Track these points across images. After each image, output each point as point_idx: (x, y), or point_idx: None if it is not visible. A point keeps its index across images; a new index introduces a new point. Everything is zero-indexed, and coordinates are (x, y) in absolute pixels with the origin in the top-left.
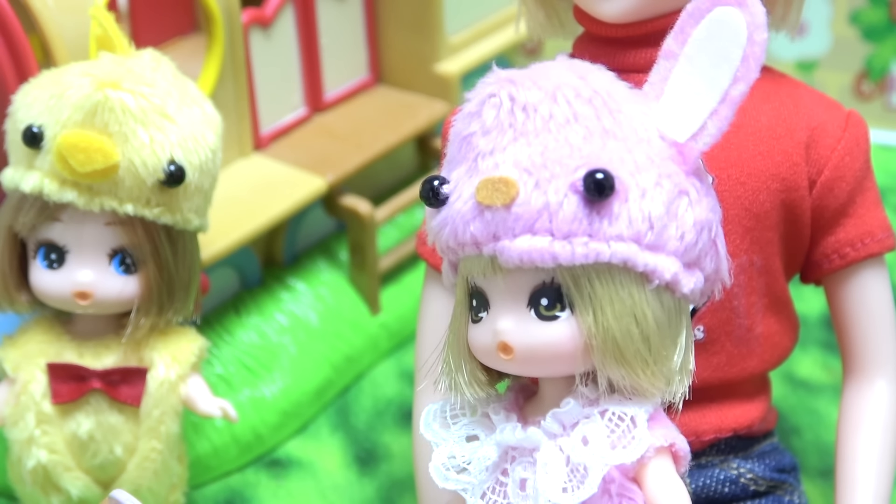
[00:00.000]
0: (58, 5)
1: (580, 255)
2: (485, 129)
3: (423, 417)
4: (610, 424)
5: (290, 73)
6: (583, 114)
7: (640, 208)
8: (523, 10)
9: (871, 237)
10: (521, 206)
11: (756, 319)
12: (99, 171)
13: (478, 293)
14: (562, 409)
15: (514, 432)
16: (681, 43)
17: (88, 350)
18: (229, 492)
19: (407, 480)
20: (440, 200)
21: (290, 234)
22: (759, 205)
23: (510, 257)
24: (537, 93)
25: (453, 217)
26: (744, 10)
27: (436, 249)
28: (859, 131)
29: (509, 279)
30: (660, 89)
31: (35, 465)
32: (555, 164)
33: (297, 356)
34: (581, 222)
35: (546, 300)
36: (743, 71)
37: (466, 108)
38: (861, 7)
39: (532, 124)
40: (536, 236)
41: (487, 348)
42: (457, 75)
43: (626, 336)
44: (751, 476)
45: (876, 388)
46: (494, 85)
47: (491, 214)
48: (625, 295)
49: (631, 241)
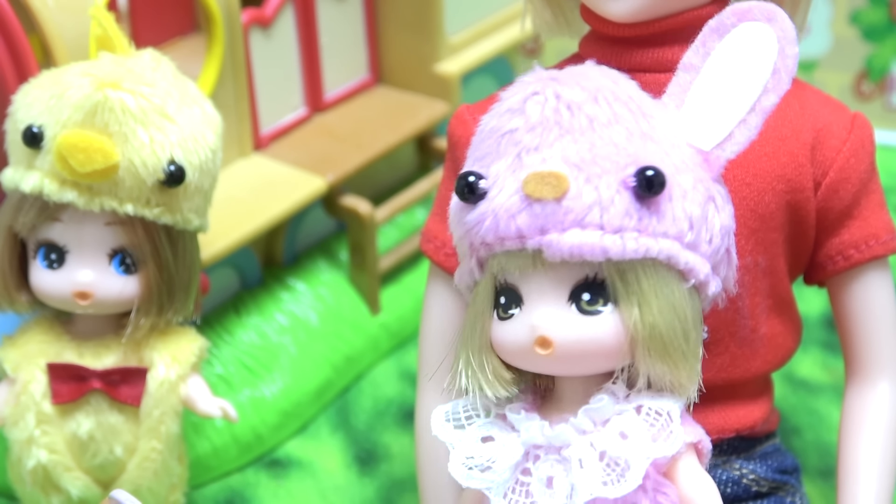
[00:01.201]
0: (58, 5)
1: (630, 250)
2: (529, 125)
3: (436, 419)
4: (648, 419)
5: (290, 73)
6: (622, 115)
7: (683, 208)
8: (529, 8)
9: (876, 239)
10: (572, 200)
11: (760, 320)
12: (99, 171)
13: (508, 290)
14: (594, 405)
15: (542, 430)
16: (702, 56)
17: (88, 350)
18: (229, 492)
19: (407, 480)
20: (477, 195)
21: (290, 234)
22: (764, 206)
23: (558, 250)
24: (581, 92)
25: (495, 210)
26: (774, 25)
27: (456, 247)
28: (864, 133)
29: (550, 274)
30: (680, 100)
31: (35, 465)
32: (604, 160)
33: (297, 356)
34: (631, 218)
35: (588, 295)
36: (774, 83)
37: (505, 105)
38: (861, 7)
39: (577, 122)
40: (586, 230)
41: (521, 345)
42: (457, 75)
43: (671, 331)
44: (753, 477)
45: (878, 389)
46: (537, 83)
47: (540, 207)
48: (668, 291)
49: (674, 238)
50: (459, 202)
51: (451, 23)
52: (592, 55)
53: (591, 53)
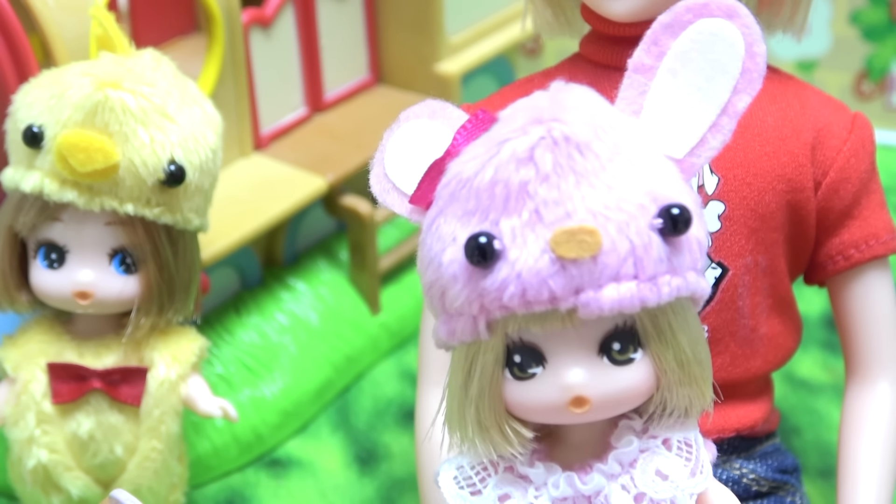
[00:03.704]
0: (58, 5)
1: (666, 295)
2: (542, 175)
3: (447, 484)
4: (681, 453)
5: (291, 73)
6: (618, 143)
7: (696, 235)
8: (530, 7)
9: (876, 239)
10: (608, 255)
11: (760, 320)
12: (99, 170)
13: (525, 349)
14: (623, 448)
15: (574, 482)
16: (656, 56)
17: (89, 350)
18: (229, 492)
19: (407, 480)
20: (491, 258)
21: (291, 233)
22: (764, 205)
23: (597, 309)
24: (584, 128)
25: (520, 274)
26: (735, 21)
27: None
28: (865, 133)
29: (580, 330)
30: (637, 104)
31: (35, 465)
32: (626, 203)
33: (298, 356)
34: (663, 262)
35: (619, 344)
36: (744, 83)
37: (506, 153)
38: (861, 7)
39: (589, 164)
40: (622, 283)
41: (551, 406)
42: (457, 75)
43: (696, 359)
44: (753, 476)
45: (879, 389)
46: (538, 125)
47: (576, 268)
48: (691, 322)
49: (691, 269)
50: (467, 265)
51: (452, 23)
52: (593, 55)
53: (592, 53)
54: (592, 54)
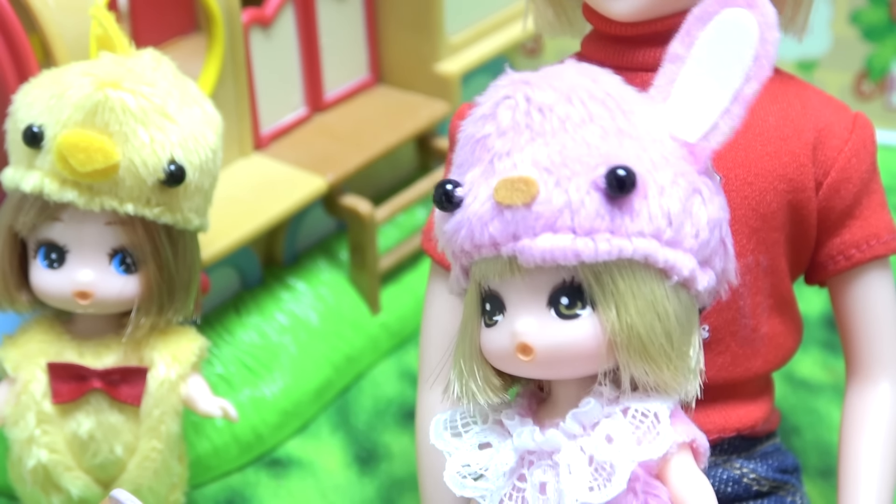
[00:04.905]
0: (58, 5)
1: (603, 252)
2: (500, 131)
3: (434, 428)
4: (634, 421)
5: (291, 73)
6: (598, 114)
7: (660, 205)
8: (531, 7)
9: (877, 239)
10: (542, 205)
11: (761, 320)
12: (99, 170)
13: (492, 296)
14: (582, 409)
15: (533, 436)
16: (687, 46)
17: (89, 350)
18: (229, 491)
19: (407, 480)
20: (454, 204)
21: (291, 233)
22: (765, 205)
23: (531, 256)
24: (552, 94)
25: (469, 219)
26: (754, 10)
27: (446, 255)
28: (866, 133)
29: (528, 279)
30: (667, 92)
31: (35, 465)
32: (574, 162)
33: (298, 356)
34: (603, 219)
35: (566, 299)
36: (755, 70)
37: (479, 111)
38: (861, 7)
39: (549, 124)
40: (558, 234)
41: (505, 351)
42: (457, 75)
43: (650, 331)
44: (753, 476)
45: (879, 389)
46: (509, 87)
47: (511, 214)
48: (647, 291)
49: (651, 237)
50: (440, 211)
51: (452, 22)
52: (595, 55)
53: (594, 53)
54: (594, 54)
